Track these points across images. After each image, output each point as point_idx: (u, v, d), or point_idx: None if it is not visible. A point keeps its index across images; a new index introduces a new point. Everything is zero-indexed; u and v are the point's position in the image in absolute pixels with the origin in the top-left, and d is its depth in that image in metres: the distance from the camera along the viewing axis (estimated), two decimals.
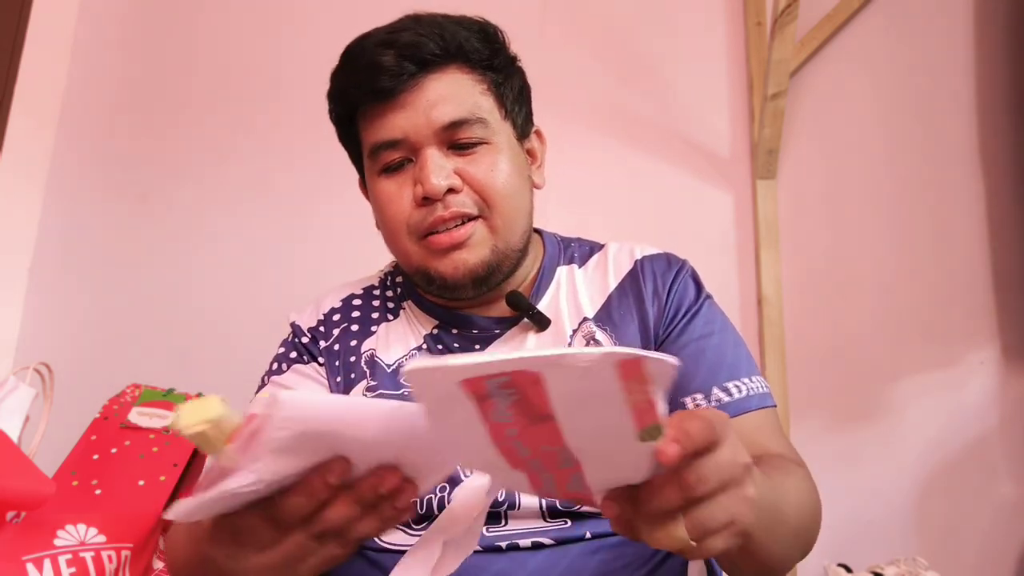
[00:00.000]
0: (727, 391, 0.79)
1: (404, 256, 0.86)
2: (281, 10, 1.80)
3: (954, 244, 1.70)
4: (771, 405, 0.81)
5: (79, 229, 1.68)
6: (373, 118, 0.84)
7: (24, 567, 0.78)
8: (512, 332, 0.86)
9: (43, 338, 1.61)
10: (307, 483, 0.48)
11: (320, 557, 0.53)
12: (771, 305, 1.64)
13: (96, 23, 1.78)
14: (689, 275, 0.90)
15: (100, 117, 1.74)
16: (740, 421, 0.78)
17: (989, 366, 1.65)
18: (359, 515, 0.51)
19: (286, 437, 0.44)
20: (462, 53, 0.83)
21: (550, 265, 0.91)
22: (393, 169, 0.84)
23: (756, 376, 0.82)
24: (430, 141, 0.81)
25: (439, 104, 0.81)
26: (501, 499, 0.78)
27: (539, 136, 0.95)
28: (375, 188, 0.87)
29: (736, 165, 1.74)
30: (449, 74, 0.83)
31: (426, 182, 0.80)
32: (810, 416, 1.62)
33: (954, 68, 1.77)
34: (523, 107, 0.91)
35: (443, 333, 0.88)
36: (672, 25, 1.80)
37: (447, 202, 0.80)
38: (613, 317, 0.86)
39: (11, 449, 0.87)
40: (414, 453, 0.49)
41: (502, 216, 0.82)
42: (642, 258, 0.90)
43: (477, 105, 0.83)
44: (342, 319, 0.91)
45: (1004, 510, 1.60)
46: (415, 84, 0.81)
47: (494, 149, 0.83)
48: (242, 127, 1.74)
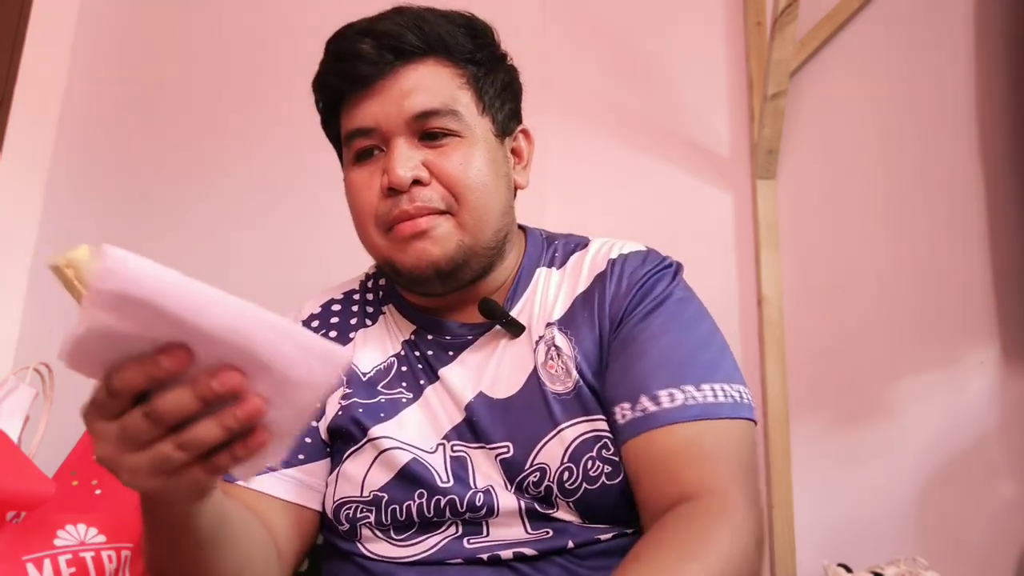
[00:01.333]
0: (656, 400, 0.73)
1: (373, 248, 0.85)
2: (281, 10, 1.80)
3: (954, 244, 1.70)
4: (724, 416, 0.72)
5: (79, 229, 1.68)
6: (350, 106, 0.84)
7: (24, 567, 0.78)
8: (485, 339, 0.86)
9: (43, 338, 1.61)
10: (141, 357, 0.48)
11: (187, 478, 0.51)
12: (771, 305, 1.64)
13: (96, 23, 1.78)
14: (666, 271, 0.85)
15: (100, 117, 1.74)
16: (668, 434, 0.71)
17: (989, 366, 1.65)
18: (204, 417, 0.48)
19: (109, 292, 0.45)
20: (442, 45, 0.83)
21: (529, 266, 0.90)
22: (364, 158, 0.83)
23: (712, 384, 0.73)
24: (401, 131, 0.81)
25: (412, 93, 0.80)
26: (479, 504, 0.78)
27: (526, 135, 0.93)
28: (347, 177, 0.87)
29: (736, 165, 1.74)
30: (427, 66, 0.82)
31: (391, 172, 0.79)
32: (810, 416, 1.62)
33: (954, 68, 1.77)
34: (506, 104, 0.89)
35: (419, 339, 0.88)
36: (672, 25, 1.80)
37: (413, 195, 0.79)
38: (576, 320, 0.83)
39: (11, 449, 0.87)
40: (262, 371, 0.48)
41: (471, 212, 0.81)
42: (618, 256, 0.87)
43: (452, 97, 0.82)
44: (320, 326, 0.91)
45: (1004, 510, 1.60)
46: (392, 73, 0.81)
47: (466, 143, 0.82)
48: (242, 127, 1.74)
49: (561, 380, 0.81)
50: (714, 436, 0.71)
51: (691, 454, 0.70)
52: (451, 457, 0.80)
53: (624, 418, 0.75)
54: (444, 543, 0.78)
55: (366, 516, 0.80)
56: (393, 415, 0.83)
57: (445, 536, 0.79)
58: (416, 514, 0.78)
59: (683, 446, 0.70)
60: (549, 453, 0.78)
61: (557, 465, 0.77)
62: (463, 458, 0.80)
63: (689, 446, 0.70)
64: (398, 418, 0.83)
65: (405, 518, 0.78)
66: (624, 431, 0.75)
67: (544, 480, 0.77)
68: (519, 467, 0.78)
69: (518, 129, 0.92)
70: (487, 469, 0.79)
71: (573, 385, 0.80)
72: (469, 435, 0.81)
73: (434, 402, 0.84)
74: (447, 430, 0.82)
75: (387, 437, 0.81)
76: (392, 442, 0.81)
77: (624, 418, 0.75)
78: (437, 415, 0.83)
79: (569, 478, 0.77)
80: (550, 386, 0.81)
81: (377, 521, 0.80)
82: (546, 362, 0.82)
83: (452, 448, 0.81)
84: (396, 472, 0.80)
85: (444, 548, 0.78)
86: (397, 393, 0.85)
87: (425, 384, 0.85)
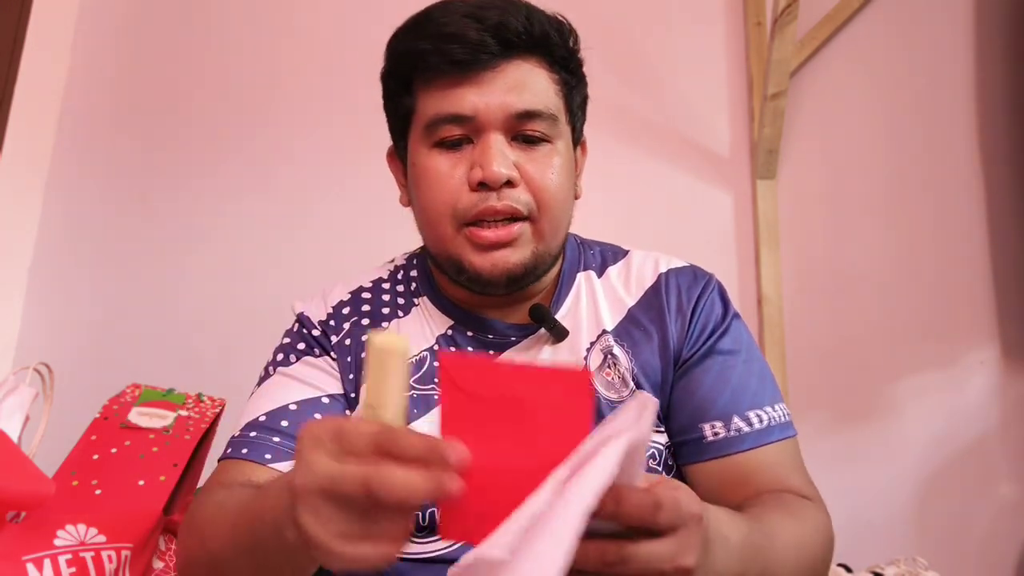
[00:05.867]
0: (747, 420, 0.78)
1: (439, 241, 0.81)
2: (281, 10, 1.80)
3: (954, 244, 1.70)
4: (792, 435, 0.80)
5: (79, 229, 1.68)
6: (441, 88, 0.78)
7: (24, 567, 0.78)
8: (528, 341, 0.84)
9: (43, 338, 1.61)
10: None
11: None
12: (771, 305, 1.64)
13: (96, 23, 1.78)
14: (716, 292, 0.87)
15: (100, 117, 1.74)
16: (759, 453, 0.77)
17: (989, 366, 1.65)
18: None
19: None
20: (546, 44, 0.80)
21: (570, 270, 0.89)
22: (449, 146, 0.79)
23: (779, 404, 0.81)
24: (498, 126, 0.77)
25: (517, 90, 0.77)
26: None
27: (583, 147, 0.92)
28: (423, 162, 0.80)
29: (736, 165, 1.74)
30: (530, 63, 0.80)
31: (487, 167, 0.75)
32: (810, 416, 1.62)
33: (954, 68, 1.77)
34: (583, 116, 0.89)
35: (458, 334, 0.85)
36: (672, 25, 1.80)
37: (502, 194, 0.76)
38: (632, 334, 0.83)
39: (11, 449, 0.87)
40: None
41: (550, 220, 0.79)
42: (667, 271, 0.87)
43: (551, 101, 0.80)
44: (352, 312, 0.88)
45: (1004, 510, 1.60)
46: (495, 64, 0.77)
47: (554, 151, 0.80)
48: (242, 127, 1.74)
49: (616, 389, 0.81)
50: (790, 453, 0.79)
51: (786, 467, 0.78)
52: None
53: (716, 436, 0.78)
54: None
55: None
56: (425, 412, 0.81)
57: None
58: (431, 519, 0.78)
59: (777, 462, 0.78)
60: None
61: None
62: None
63: (781, 461, 0.78)
64: (430, 415, 0.81)
65: (428, 522, 0.78)
66: (711, 448, 0.79)
67: None
68: None
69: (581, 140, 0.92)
70: None
71: (629, 394, 0.81)
72: None
73: None
74: None
75: None
76: None
77: (716, 436, 0.78)
78: None
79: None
80: (604, 392, 0.81)
81: None
82: (603, 368, 0.82)
83: None
84: None
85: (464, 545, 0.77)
86: (430, 389, 0.83)
87: None
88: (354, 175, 1.66)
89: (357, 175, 1.65)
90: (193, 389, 1.13)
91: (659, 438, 0.81)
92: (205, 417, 1.05)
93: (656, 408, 0.49)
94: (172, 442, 1.00)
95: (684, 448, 0.80)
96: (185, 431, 1.02)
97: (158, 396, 1.07)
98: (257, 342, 1.07)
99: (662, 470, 0.80)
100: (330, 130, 1.72)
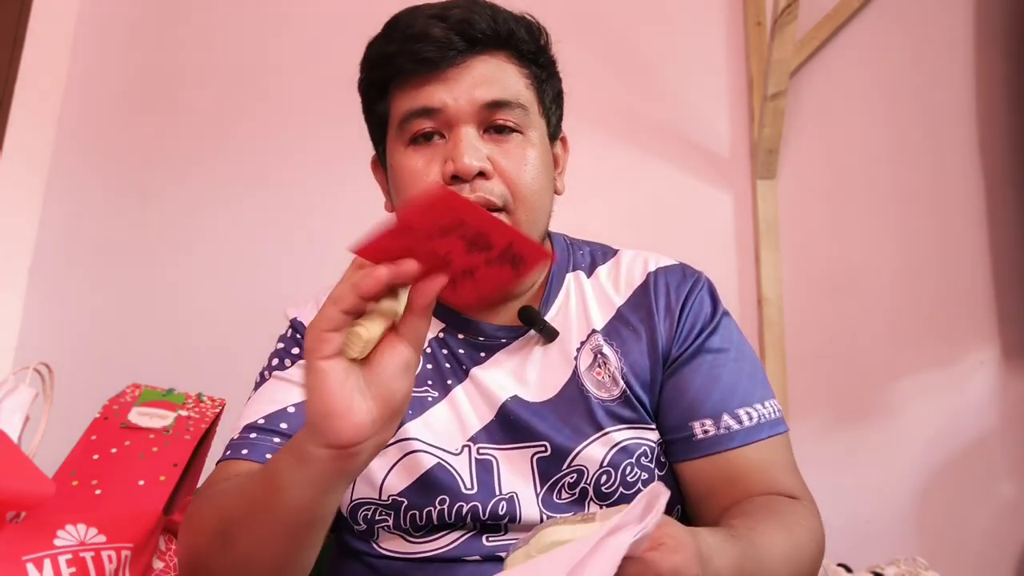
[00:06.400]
0: (737, 418, 0.79)
1: None
2: (279, 10, 1.80)
3: (954, 244, 1.70)
4: (782, 431, 0.80)
5: (79, 229, 1.68)
6: (412, 87, 0.80)
7: (24, 567, 0.78)
8: (519, 342, 0.85)
9: (43, 338, 1.61)
10: None
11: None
12: (771, 305, 1.64)
13: (96, 23, 1.78)
14: (705, 290, 0.87)
15: (100, 117, 1.74)
16: (749, 451, 0.78)
17: (989, 366, 1.65)
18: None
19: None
20: (512, 41, 0.82)
21: (558, 271, 0.89)
22: (421, 141, 0.80)
23: (770, 401, 0.81)
24: (468, 119, 0.78)
25: (484, 83, 0.79)
26: (502, 513, 0.78)
27: (563, 143, 0.93)
28: (398, 161, 0.82)
29: (736, 165, 1.74)
30: (497, 59, 0.81)
31: (459, 159, 0.76)
32: (810, 416, 1.62)
33: (954, 68, 1.77)
34: (558, 110, 0.90)
35: (449, 337, 0.86)
36: (672, 25, 1.80)
37: (475, 186, 0.77)
38: (622, 333, 0.84)
39: (11, 449, 0.87)
40: None
41: (527, 212, 0.80)
42: (656, 270, 0.87)
43: (520, 92, 0.82)
44: None
45: (1004, 510, 1.60)
46: (462, 61, 0.79)
47: (527, 142, 0.81)
48: (242, 127, 1.74)
49: (607, 387, 0.81)
50: (780, 450, 0.80)
51: (776, 466, 0.78)
52: (476, 460, 0.80)
53: (706, 434, 0.79)
54: (463, 540, 0.78)
55: (384, 519, 0.80)
56: (419, 413, 0.82)
57: (464, 533, 0.79)
58: (436, 518, 0.78)
59: (767, 460, 0.78)
60: (589, 455, 0.78)
61: (596, 468, 0.78)
62: (488, 462, 0.80)
63: (772, 459, 0.78)
64: (424, 417, 0.82)
65: (425, 522, 0.78)
66: (701, 446, 0.79)
67: (581, 482, 0.78)
68: (556, 467, 0.79)
69: (560, 136, 0.93)
70: (513, 472, 0.79)
71: (620, 393, 0.81)
72: (500, 435, 0.81)
73: (462, 402, 0.83)
74: (475, 431, 0.81)
75: (414, 438, 0.80)
76: (418, 443, 0.80)
77: (706, 434, 0.79)
78: (465, 415, 0.82)
79: (607, 482, 0.78)
80: (595, 391, 0.81)
81: (395, 524, 0.79)
82: (593, 368, 0.82)
83: (478, 451, 0.80)
84: (417, 477, 0.79)
85: (462, 545, 0.78)
86: (423, 391, 0.84)
87: (453, 384, 0.84)
88: (354, 176, 1.65)
89: (358, 176, 1.65)
90: (193, 389, 1.13)
91: (651, 435, 0.81)
92: (205, 417, 1.05)
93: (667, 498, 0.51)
94: (172, 442, 1.00)
95: (675, 446, 0.81)
96: (185, 431, 1.02)
97: (158, 396, 1.07)
98: (257, 342, 1.07)
99: (655, 467, 0.80)
100: (331, 132, 1.72)
